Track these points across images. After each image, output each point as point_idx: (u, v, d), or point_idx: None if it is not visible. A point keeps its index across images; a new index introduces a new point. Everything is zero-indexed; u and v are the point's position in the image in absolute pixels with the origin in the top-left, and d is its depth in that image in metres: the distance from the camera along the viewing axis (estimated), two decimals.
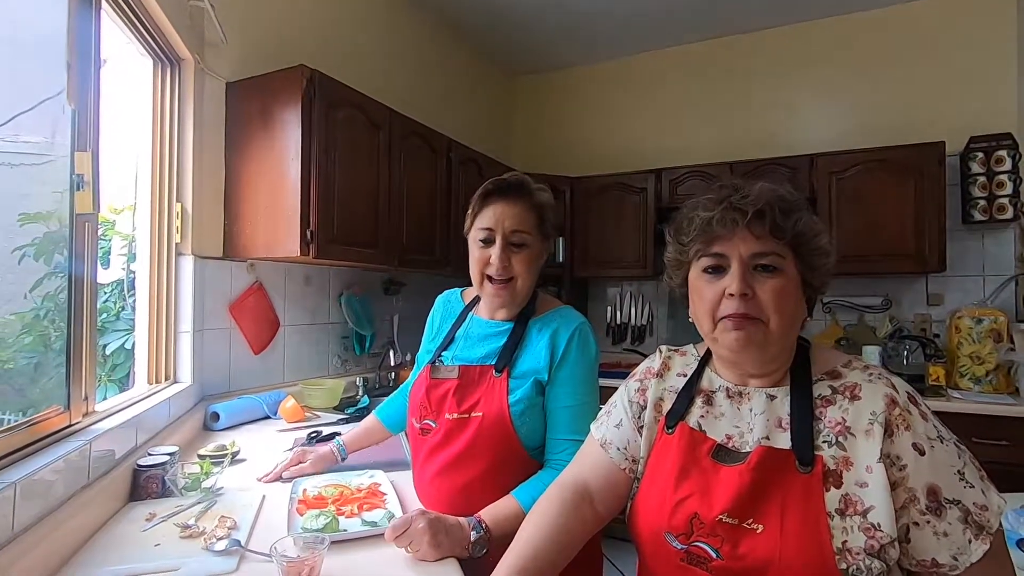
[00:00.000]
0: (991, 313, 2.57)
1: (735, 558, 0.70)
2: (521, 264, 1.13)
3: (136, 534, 1.03)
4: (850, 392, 0.74)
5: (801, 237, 0.75)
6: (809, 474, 0.70)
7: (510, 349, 1.15)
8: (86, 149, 1.23)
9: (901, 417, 0.69)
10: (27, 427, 1.04)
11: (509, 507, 1.02)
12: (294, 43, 2.27)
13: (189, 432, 1.70)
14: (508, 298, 1.15)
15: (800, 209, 0.77)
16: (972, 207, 2.70)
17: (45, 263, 1.44)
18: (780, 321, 0.74)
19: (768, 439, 0.75)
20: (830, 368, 0.78)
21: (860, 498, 0.68)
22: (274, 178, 1.92)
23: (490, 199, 1.14)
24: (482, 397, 1.13)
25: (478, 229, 1.14)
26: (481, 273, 1.14)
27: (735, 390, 0.81)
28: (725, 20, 3.28)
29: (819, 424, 0.73)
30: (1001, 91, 2.81)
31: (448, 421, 1.14)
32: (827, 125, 3.19)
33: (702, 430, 0.80)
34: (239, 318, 2.03)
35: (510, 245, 1.12)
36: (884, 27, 3.07)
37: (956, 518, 0.67)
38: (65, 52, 1.22)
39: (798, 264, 0.76)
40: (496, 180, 1.14)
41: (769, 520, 0.70)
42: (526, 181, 1.16)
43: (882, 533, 0.66)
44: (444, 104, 3.32)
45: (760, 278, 0.74)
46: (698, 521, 0.73)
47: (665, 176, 3.25)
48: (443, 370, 1.19)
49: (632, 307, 3.62)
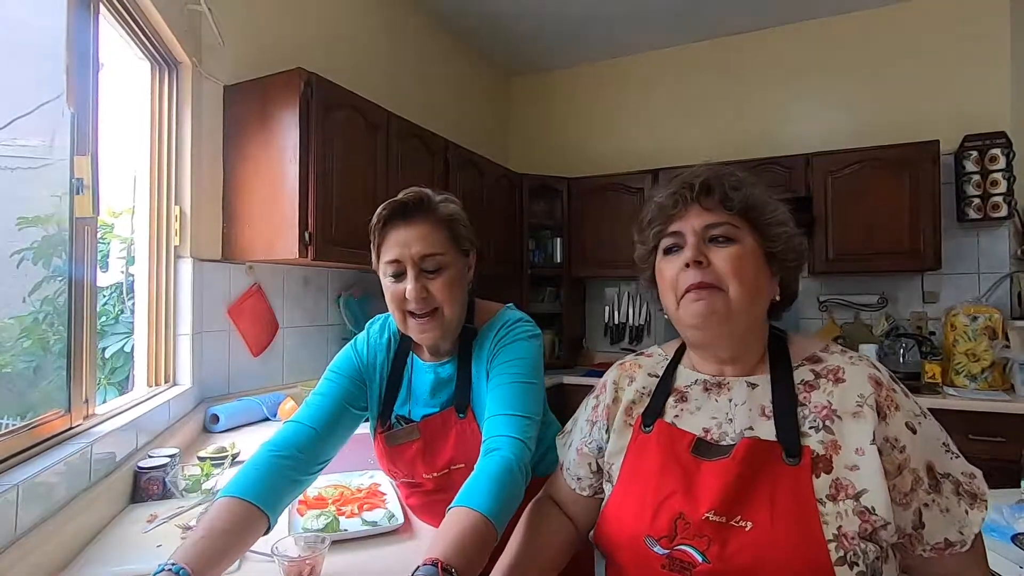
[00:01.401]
0: (986, 311, 2.58)
1: (722, 559, 0.65)
2: (442, 290, 0.97)
3: (138, 535, 1.04)
4: (833, 375, 0.72)
5: (752, 209, 0.76)
6: (797, 466, 0.67)
7: (464, 385, 1.03)
8: (85, 153, 1.24)
9: (888, 398, 0.68)
10: (28, 430, 1.05)
11: (458, 522, 0.77)
12: (291, 46, 2.27)
13: (189, 434, 1.70)
14: (438, 331, 0.99)
15: (750, 185, 0.77)
16: (967, 205, 2.72)
17: (44, 267, 1.45)
18: (740, 288, 0.72)
19: (752, 429, 0.72)
20: (809, 354, 0.76)
21: (851, 481, 0.66)
22: (272, 180, 1.92)
23: (389, 227, 0.99)
24: (456, 448, 1.02)
25: (385, 263, 0.98)
26: (401, 311, 0.99)
27: (712, 381, 0.79)
28: (720, 21, 3.29)
29: (804, 410, 0.71)
30: (995, 90, 2.83)
31: (428, 479, 1.05)
32: (822, 124, 3.21)
33: (678, 427, 0.77)
34: (238, 320, 2.04)
35: (423, 273, 0.97)
36: (878, 27, 3.09)
37: (950, 491, 0.66)
38: (64, 56, 1.23)
39: (755, 235, 0.75)
40: (391, 203, 0.98)
41: (758, 516, 0.66)
42: (426, 196, 1.00)
43: (876, 517, 0.64)
44: (441, 106, 3.33)
45: (715, 249, 0.75)
46: (683, 521, 0.69)
47: (662, 176, 3.26)
48: (401, 435, 1.05)
49: (630, 307, 3.63)
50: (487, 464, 0.86)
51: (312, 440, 0.96)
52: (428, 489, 1.06)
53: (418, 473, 1.04)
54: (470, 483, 0.83)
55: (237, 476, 0.87)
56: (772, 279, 0.77)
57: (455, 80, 3.52)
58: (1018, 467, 1.57)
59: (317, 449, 0.97)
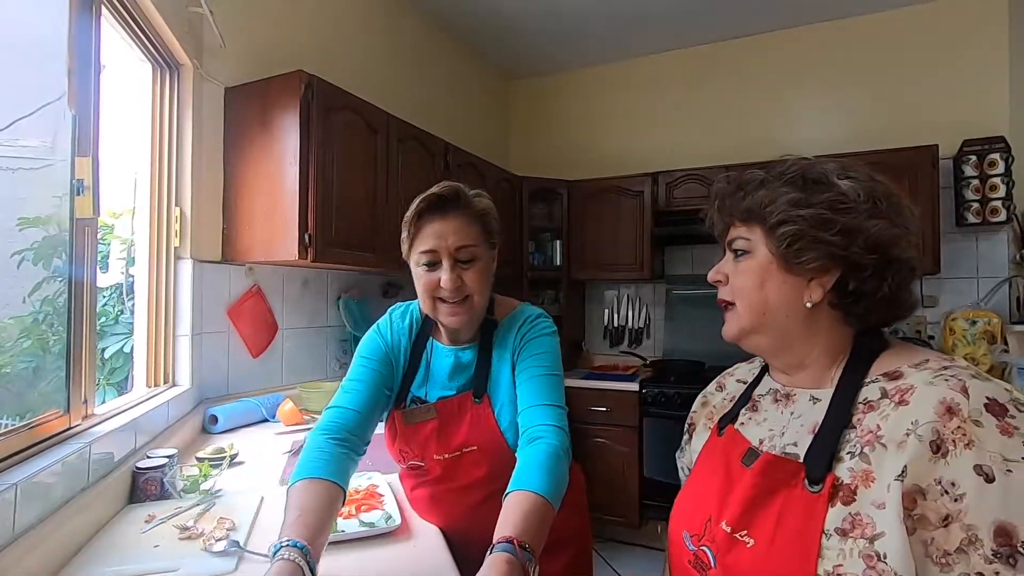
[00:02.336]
0: (985, 315, 2.59)
1: (724, 568, 0.65)
2: (475, 280, 1.03)
3: (135, 535, 1.04)
4: (900, 395, 0.61)
5: (752, 214, 0.72)
6: (817, 493, 0.61)
7: (483, 372, 1.09)
8: (86, 154, 1.24)
9: (961, 431, 0.55)
10: (27, 429, 1.05)
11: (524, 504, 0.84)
12: (292, 48, 2.28)
13: (188, 435, 1.70)
14: (466, 316, 1.05)
15: (756, 185, 0.72)
16: (966, 210, 2.73)
17: (44, 267, 1.45)
18: (742, 305, 0.72)
19: (796, 445, 0.68)
20: (894, 368, 0.65)
21: (873, 520, 0.57)
22: (272, 182, 1.93)
23: (426, 218, 1.03)
24: (470, 429, 1.06)
25: (419, 253, 1.03)
26: (431, 297, 1.04)
27: (783, 392, 0.75)
28: (721, 24, 3.30)
29: (851, 433, 0.63)
30: (993, 95, 2.84)
31: (439, 461, 1.08)
32: (822, 128, 3.22)
33: (742, 435, 0.76)
34: (237, 321, 2.04)
35: (458, 263, 1.02)
36: (878, 32, 3.10)
37: None
38: (65, 57, 1.24)
39: (770, 242, 0.70)
40: (429, 196, 1.02)
41: (760, 535, 0.63)
42: (462, 191, 1.05)
43: (885, 566, 0.54)
44: (441, 108, 3.34)
45: (735, 263, 0.75)
46: (711, 525, 0.70)
47: (662, 179, 3.27)
48: (418, 413, 1.09)
49: (629, 310, 3.64)
50: (536, 451, 0.93)
51: (358, 423, 1.03)
52: (435, 476, 1.08)
53: (429, 454, 1.07)
54: (522, 469, 0.90)
55: (305, 461, 0.93)
56: (805, 282, 0.69)
57: (455, 83, 3.53)
58: None
59: (363, 430, 1.03)
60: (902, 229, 0.67)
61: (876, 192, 0.68)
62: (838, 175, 0.69)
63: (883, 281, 0.67)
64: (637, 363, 3.45)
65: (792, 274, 0.69)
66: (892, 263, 0.66)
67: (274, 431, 1.84)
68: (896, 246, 0.66)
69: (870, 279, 0.66)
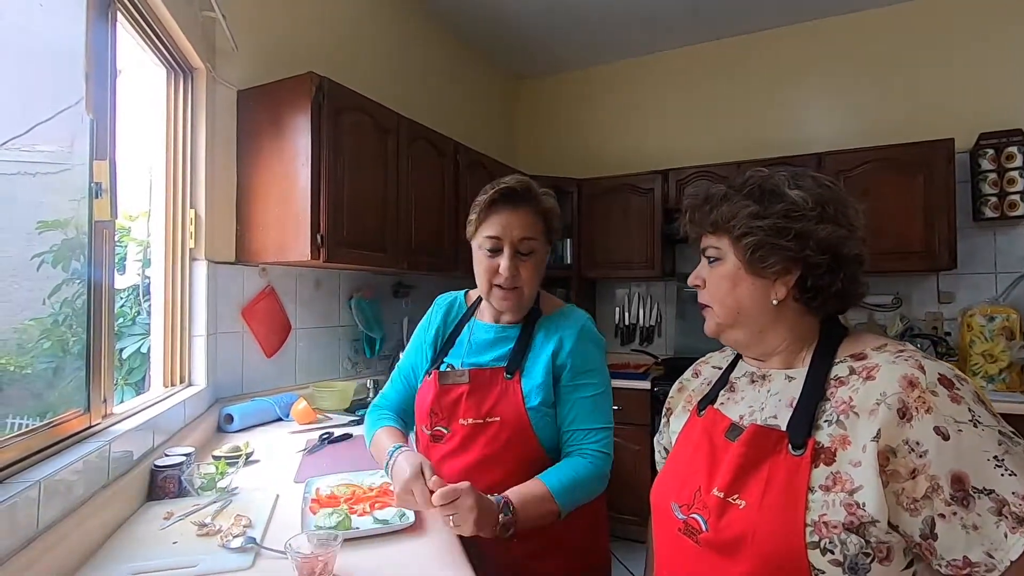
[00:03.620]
0: (1003, 311, 2.54)
1: (718, 530, 0.73)
2: (528, 271, 1.13)
3: (155, 532, 1.06)
4: (867, 373, 0.72)
5: (719, 227, 0.81)
6: (800, 456, 0.70)
7: (520, 352, 1.16)
8: (104, 158, 1.26)
9: (921, 399, 0.66)
10: (49, 428, 1.07)
11: (537, 489, 1.02)
12: (303, 50, 2.30)
13: (204, 434, 1.73)
14: (515, 304, 1.16)
15: (720, 200, 0.81)
16: (983, 204, 2.68)
17: (63, 269, 1.47)
18: (719, 306, 0.83)
19: (776, 418, 0.77)
20: (858, 351, 0.77)
21: (850, 476, 0.67)
22: (284, 183, 1.95)
23: (496, 207, 1.12)
24: (497, 401, 1.12)
25: (485, 237, 1.12)
26: (489, 282, 1.14)
27: (758, 374, 0.85)
28: (729, 21, 3.28)
29: (826, 404, 0.73)
30: (1011, 87, 2.79)
31: (463, 427, 1.13)
32: (835, 123, 3.18)
33: (723, 413, 0.86)
34: (251, 322, 2.06)
35: (518, 254, 1.12)
36: (891, 24, 3.06)
37: (987, 509, 0.61)
38: (83, 63, 1.26)
39: (737, 250, 0.80)
40: (503, 187, 1.11)
41: (751, 496, 0.72)
42: (532, 187, 1.14)
43: (864, 512, 0.65)
44: (450, 108, 3.35)
45: (710, 268, 0.85)
46: (699, 494, 0.78)
47: (672, 177, 3.25)
48: (452, 375, 1.17)
49: (640, 308, 3.62)
50: (581, 465, 1.08)
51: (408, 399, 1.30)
52: (454, 446, 1.15)
53: (456, 418, 1.15)
54: (564, 469, 1.06)
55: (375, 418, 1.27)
56: (770, 283, 0.79)
57: (464, 83, 3.54)
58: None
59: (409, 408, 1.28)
60: (848, 229, 0.77)
61: (823, 198, 0.78)
62: (789, 185, 0.79)
63: (836, 276, 0.77)
64: (648, 361, 3.43)
65: (759, 276, 0.79)
66: (842, 260, 0.77)
67: (288, 430, 1.85)
68: (844, 246, 0.76)
69: (825, 275, 0.77)
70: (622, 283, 3.69)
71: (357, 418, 2.03)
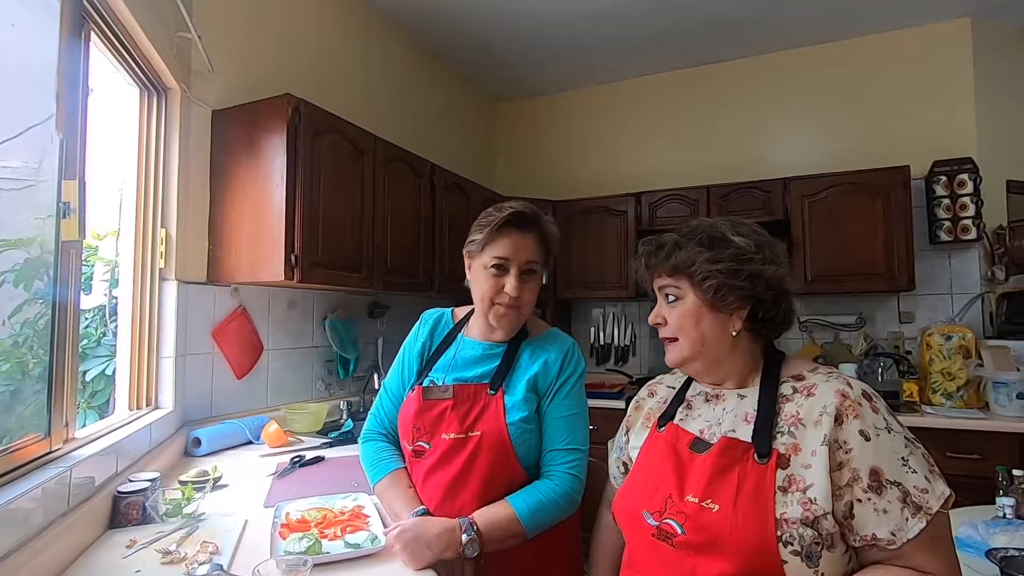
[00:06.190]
0: (960, 330, 2.65)
1: (694, 532, 0.82)
2: (530, 292, 1.21)
3: (117, 561, 1.03)
4: (807, 391, 0.87)
5: (679, 271, 0.92)
6: (765, 464, 0.82)
7: (505, 369, 1.20)
8: (73, 177, 1.25)
9: (851, 408, 0.81)
10: (6, 454, 1.04)
11: (502, 511, 1.07)
12: (280, 72, 2.31)
13: (170, 458, 1.68)
14: (514, 321, 1.22)
15: (678, 247, 0.92)
16: (938, 228, 2.81)
17: (24, 289, 1.44)
18: (685, 340, 0.93)
19: (734, 431, 0.88)
20: (797, 372, 0.92)
21: (803, 477, 0.80)
22: (259, 204, 1.94)
23: (506, 230, 1.17)
24: (479, 416, 1.16)
25: (492, 257, 1.17)
26: (490, 299, 1.19)
27: (712, 393, 0.97)
28: (701, 49, 3.41)
29: (777, 418, 0.86)
30: (961, 117, 2.96)
31: (445, 441, 1.15)
32: (800, 150, 3.31)
33: (683, 428, 0.95)
34: (222, 343, 2.03)
35: (523, 274, 1.18)
36: (852, 57, 3.22)
37: (895, 497, 0.76)
38: (54, 81, 1.24)
39: (698, 291, 0.91)
40: (515, 212, 1.17)
41: (724, 500, 0.81)
42: (539, 214, 1.22)
43: (816, 506, 0.77)
44: (427, 129, 3.38)
45: (670, 307, 0.95)
46: (671, 501, 0.86)
47: (645, 199, 3.33)
48: (436, 391, 1.19)
49: (615, 328, 3.67)
50: (548, 487, 1.12)
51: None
52: (433, 462, 1.16)
53: (438, 432, 1.17)
54: (531, 491, 1.11)
55: (375, 454, 1.27)
56: (728, 317, 0.91)
57: (442, 105, 3.58)
58: (993, 484, 1.61)
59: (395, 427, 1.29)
60: (785, 268, 0.92)
61: (761, 242, 0.92)
62: (732, 233, 0.92)
63: (779, 308, 0.92)
64: (623, 380, 3.46)
65: (719, 312, 0.91)
66: (783, 295, 0.91)
67: (259, 453, 1.82)
68: (783, 282, 0.91)
69: (771, 308, 0.91)
70: (597, 303, 3.73)
71: (330, 440, 2.00)
